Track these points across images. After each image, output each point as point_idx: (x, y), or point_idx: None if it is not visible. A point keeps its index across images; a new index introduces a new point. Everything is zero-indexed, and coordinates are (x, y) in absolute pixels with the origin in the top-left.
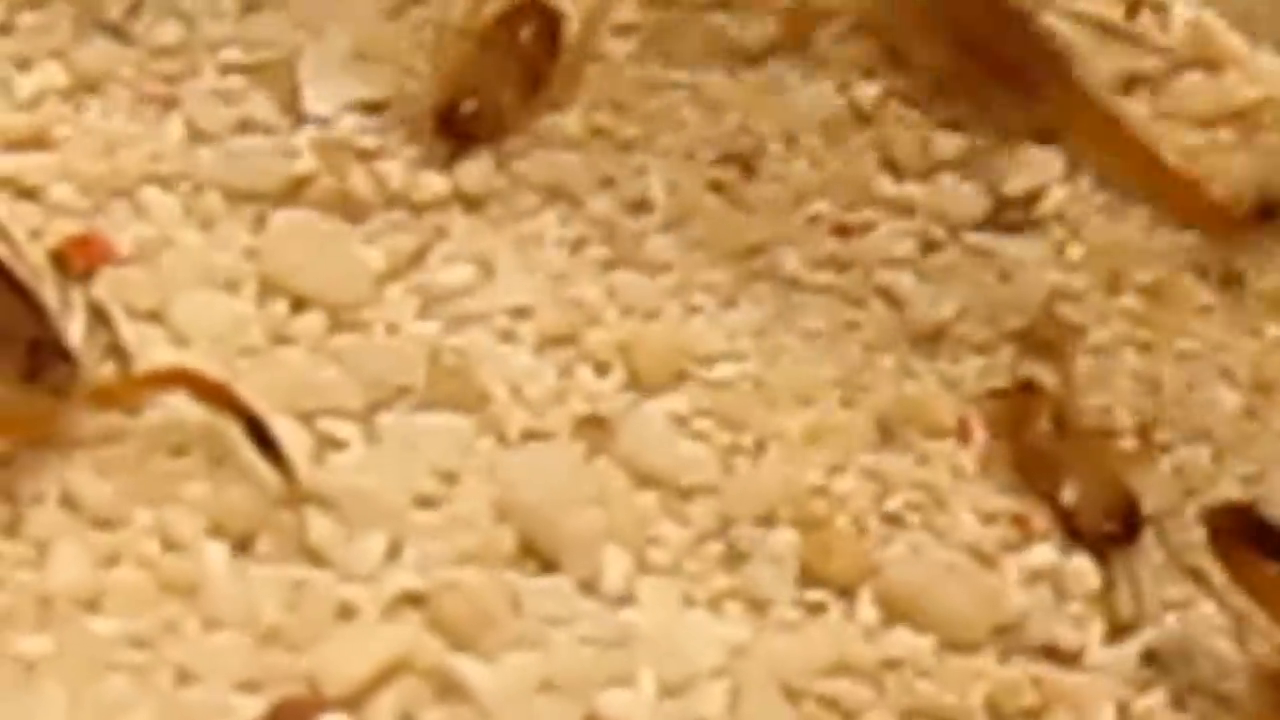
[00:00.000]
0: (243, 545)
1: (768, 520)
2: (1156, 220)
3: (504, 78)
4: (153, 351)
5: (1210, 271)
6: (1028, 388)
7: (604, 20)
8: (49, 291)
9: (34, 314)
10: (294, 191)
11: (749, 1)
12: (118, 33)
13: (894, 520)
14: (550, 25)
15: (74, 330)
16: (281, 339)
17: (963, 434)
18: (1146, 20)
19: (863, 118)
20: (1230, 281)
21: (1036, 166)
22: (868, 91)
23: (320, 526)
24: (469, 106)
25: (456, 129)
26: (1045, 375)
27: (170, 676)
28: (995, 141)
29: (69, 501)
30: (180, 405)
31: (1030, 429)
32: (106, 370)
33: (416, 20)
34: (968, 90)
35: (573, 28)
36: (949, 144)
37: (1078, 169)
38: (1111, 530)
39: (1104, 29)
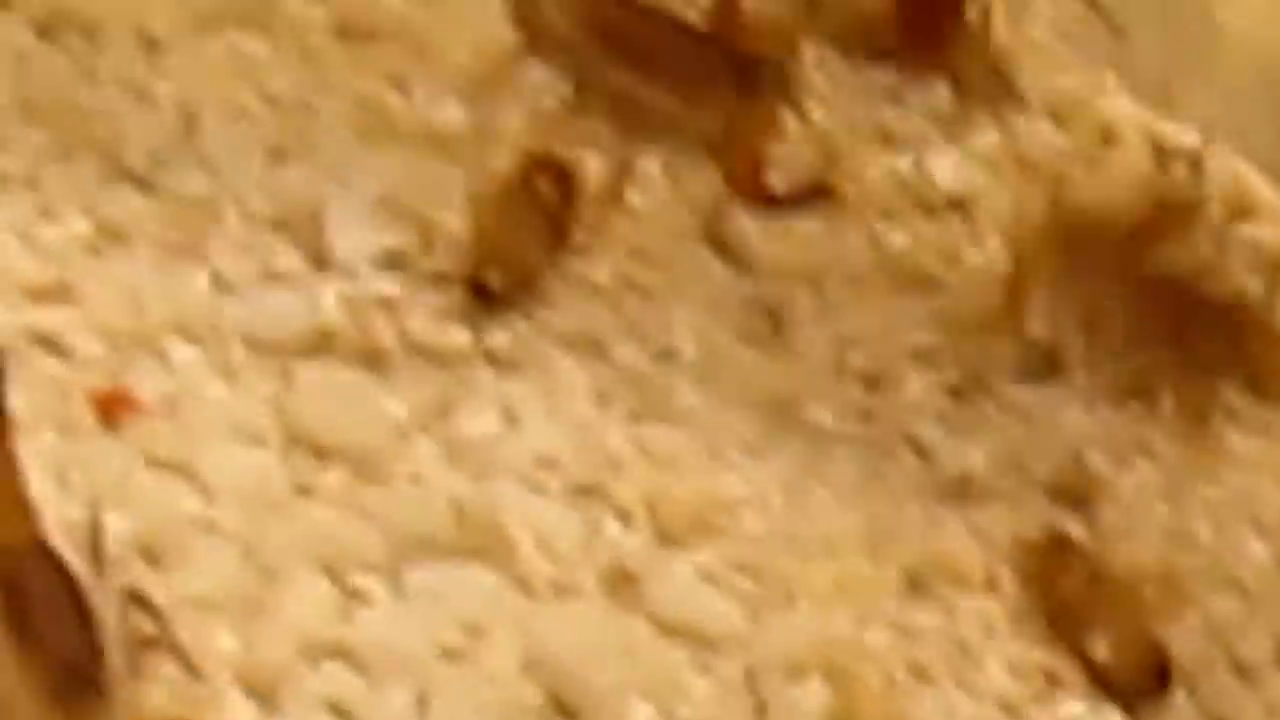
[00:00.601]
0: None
1: (796, 673)
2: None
3: (529, 234)
4: (180, 504)
5: (1240, 417)
6: (1057, 539)
7: (630, 171)
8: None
9: (84, 636)
10: (319, 343)
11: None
12: (143, 184)
13: (922, 674)
14: (567, 177)
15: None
16: (306, 491)
17: (991, 587)
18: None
19: (891, 269)
20: (1260, 430)
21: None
22: (896, 241)
23: (345, 681)
24: (497, 276)
25: (484, 294)
26: (1073, 525)
27: None
28: None
29: None
30: None
31: (1060, 581)
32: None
33: (441, 172)
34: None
35: (589, 177)
36: None
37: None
38: (1142, 684)
39: None
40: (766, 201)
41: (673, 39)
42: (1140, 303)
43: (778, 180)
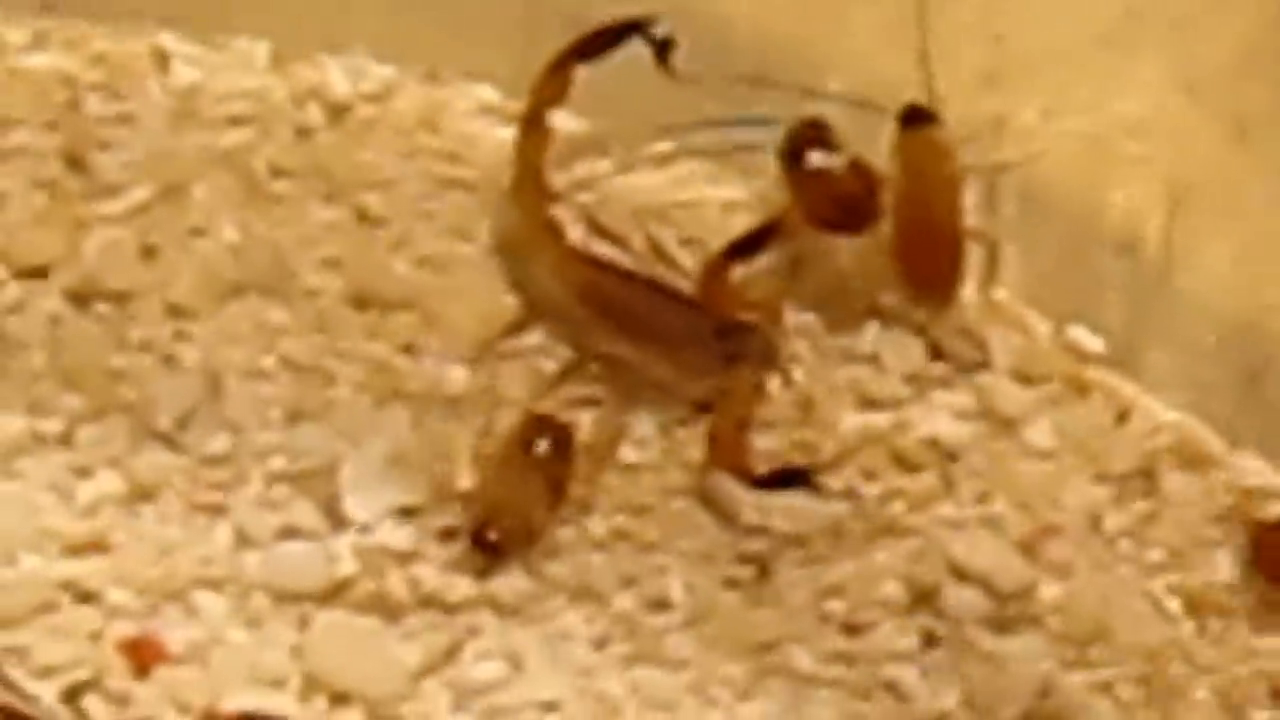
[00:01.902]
0: None
1: None
2: (1152, 614)
3: (529, 490)
4: None
5: (1194, 660)
6: None
7: (624, 431)
8: None
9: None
10: (335, 593)
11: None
12: (171, 443)
13: None
14: (562, 437)
15: None
16: None
17: None
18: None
19: (867, 521)
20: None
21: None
22: (873, 493)
23: None
24: (500, 530)
25: (488, 546)
26: None
27: None
28: None
29: None
30: None
31: None
32: None
33: (448, 431)
34: None
35: (586, 436)
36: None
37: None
38: None
39: None
40: (749, 479)
41: (663, 307)
42: None
43: (759, 454)
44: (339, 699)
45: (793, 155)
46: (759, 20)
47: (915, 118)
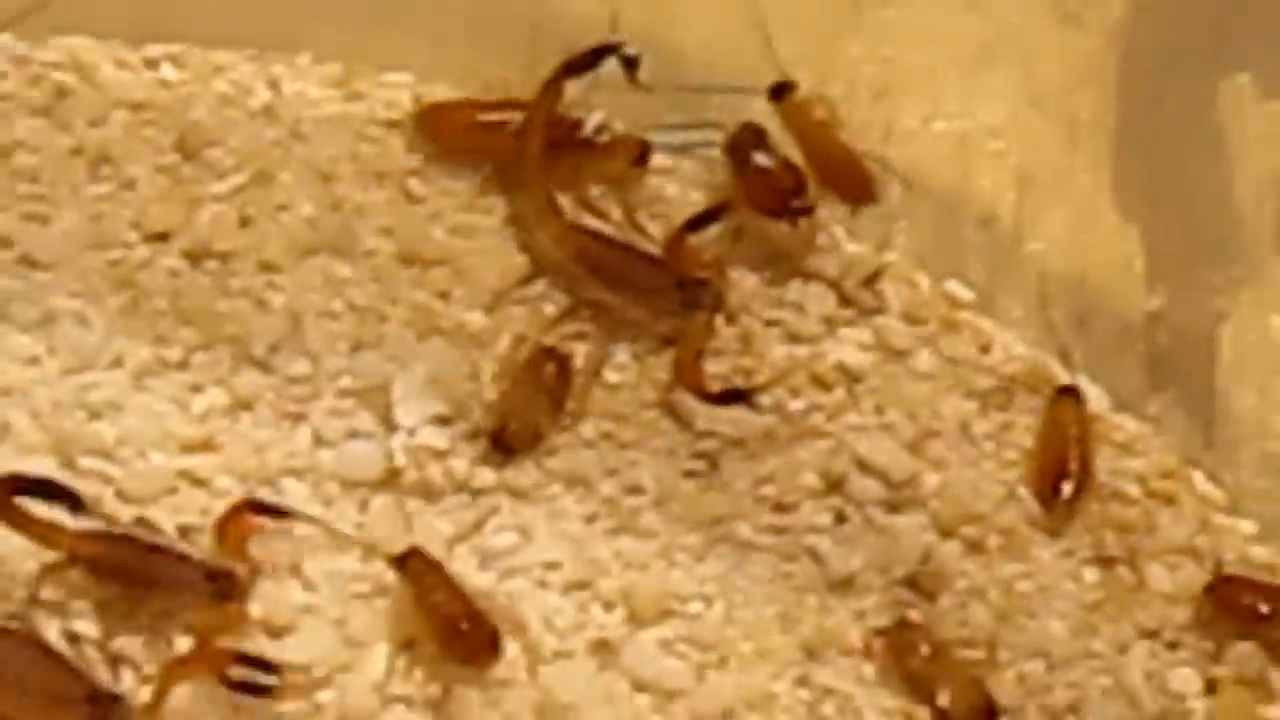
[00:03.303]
0: None
1: (729, 715)
2: (1007, 497)
3: (535, 405)
4: (291, 596)
5: (1037, 530)
6: (910, 622)
7: (607, 359)
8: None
9: (76, 674)
10: (388, 481)
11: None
12: (263, 366)
13: (818, 713)
14: (563, 364)
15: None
16: (382, 590)
17: (867, 653)
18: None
19: (792, 426)
20: (1055, 534)
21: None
22: (797, 406)
23: None
24: (513, 433)
25: (504, 445)
26: (924, 611)
27: None
28: None
29: None
30: None
31: (913, 651)
32: None
33: (474, 359)
34: None
35: (579, 363)
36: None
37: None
38: None
39: None
40: (703, 396)
41: (637, 265)
42: None
43: (712, 377)
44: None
45: (736, 153)
46: (704, 44)
47: (780, 90)
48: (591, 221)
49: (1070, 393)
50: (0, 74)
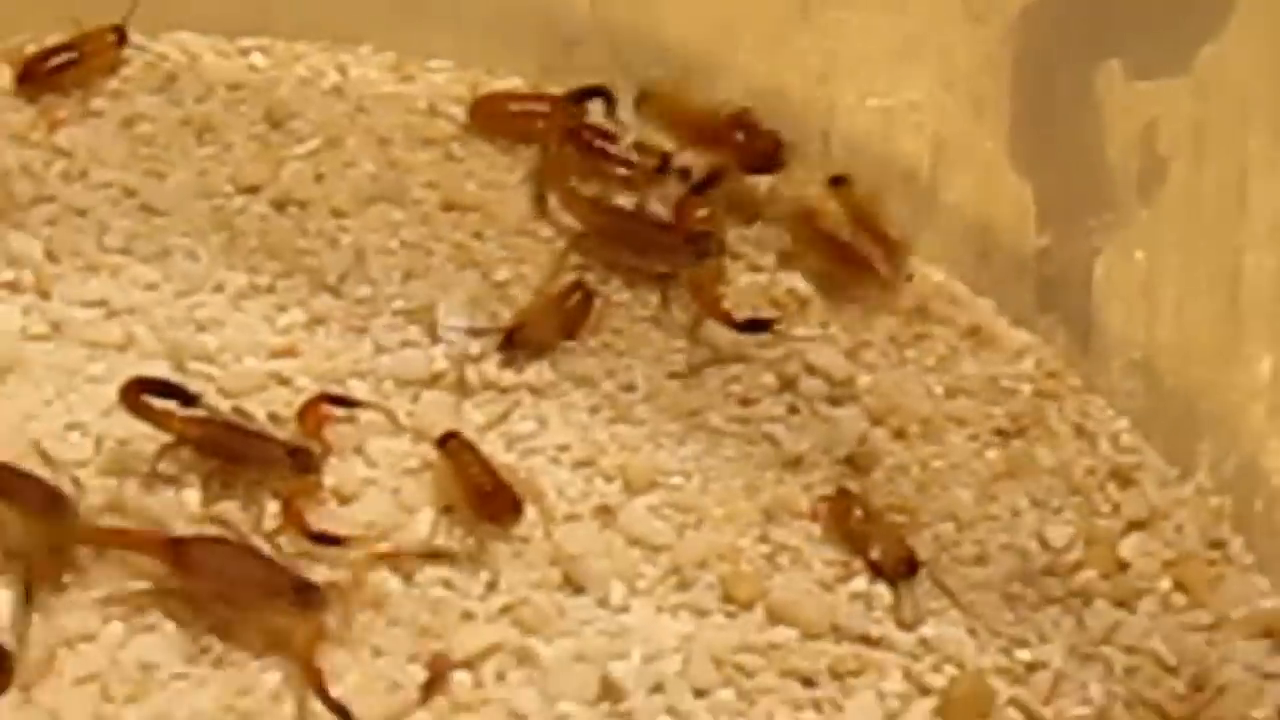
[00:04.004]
0: None
1: (703, 565)
2: (925, 394)
3: (550, 323)
4: (357, 471)
5: (948, 418)
6: (846, 492)
7: (616, 295)
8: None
9: (281, 569)
10: (434, 380)
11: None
12: (335, 291)
13: (775, 563)
14: (588, 297)
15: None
16: (429, 466)
17: (814, 516)
18: None
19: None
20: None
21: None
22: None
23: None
24: (535, 344)
25: (514, 344)
26: (859, 483)
27: None
28: None
29: None
30: None
31: (850, 515)
32: None
33: (505, 286)
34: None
35: (598, 304)
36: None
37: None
38: (900, 570)
39: None
40: (731, 324)
41: (650, 228)
42: None
43: (734, 307)
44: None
45: (731, 129)
46: (679, 40)
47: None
48: (609, 201)
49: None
50: (125, 61)
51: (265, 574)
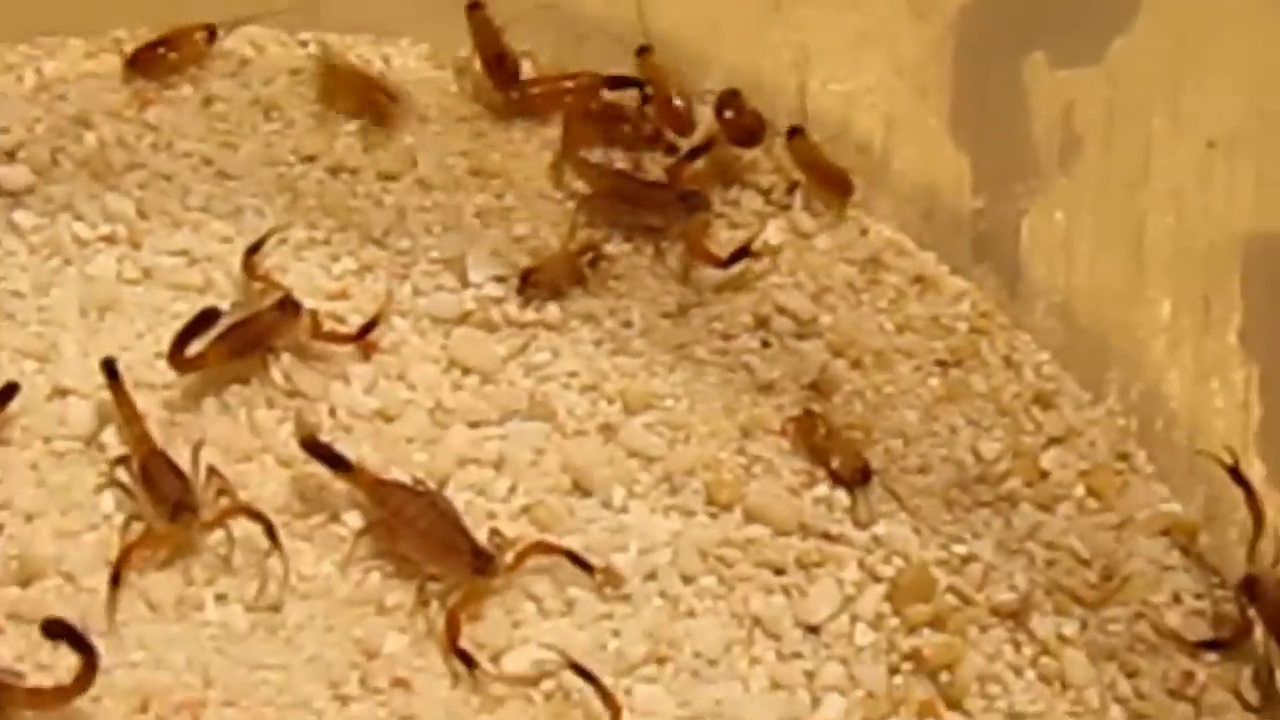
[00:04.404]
0: None
1: (690, 473)
2: (877, 330)
3: (563, 272)
4: (399, 393)
5: (896, 350)
6: (810, 413)
7: (606, 241)
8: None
9: (464, 532)
10: (463, 319)
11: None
12: (380, 243)
13: (751, 472)
14: (598, 256)
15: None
16: (459, 387)
17: (783, 433)
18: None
19: (734, 284)
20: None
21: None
22: (736, 270)
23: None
24: (536, 278)
25: (527, 284)
26: (822, 405)
27: None
28: None
29: None
30: None
31: (814, 432)
32: None
33: (524, 240)
34: None
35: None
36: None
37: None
38: (856, 479)
39: None
40: (715, 263)
41: (647, 188)
42: None
43: (718, 248)
44: (466, 372)
45: (721, 108)
46: (666, 34)
47: (793, 131)
48: (614, 165)
49: (795, 132)
50: (204, 53)
51: (451, 533)
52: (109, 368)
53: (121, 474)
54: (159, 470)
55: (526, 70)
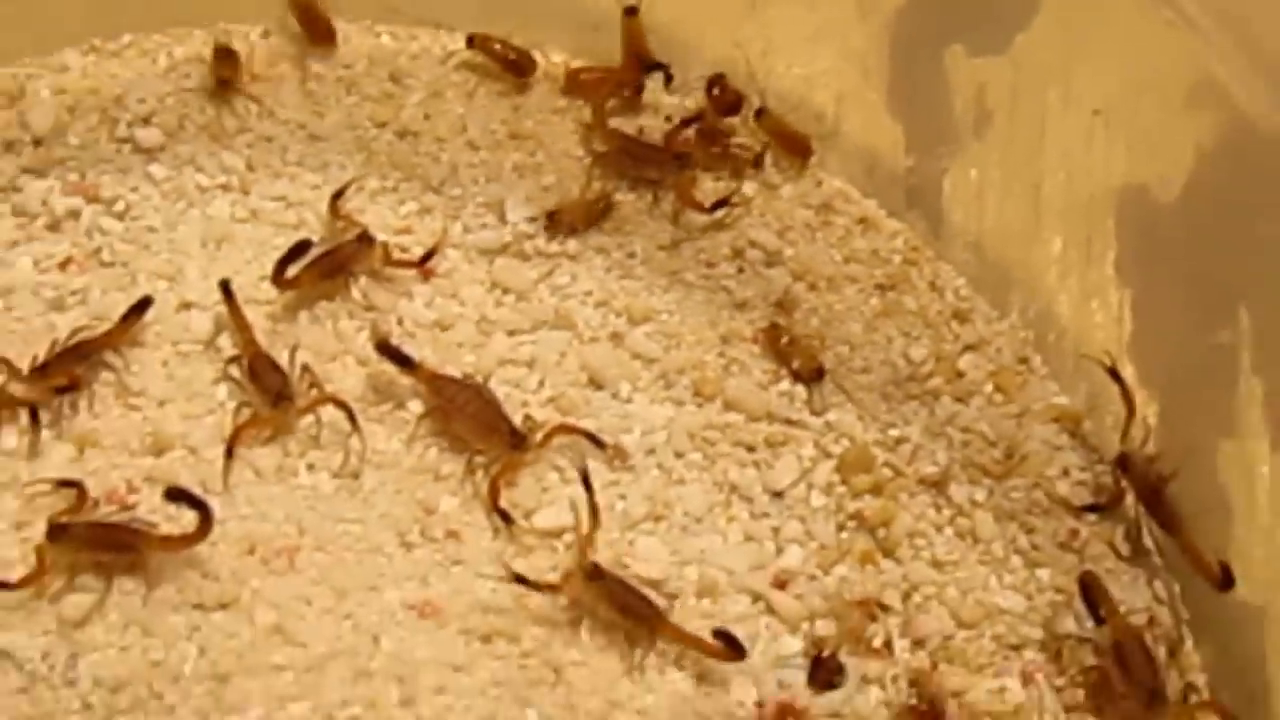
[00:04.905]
0: None
1: (681, 372)
2: (828, 260)
3: (581, 214)
4: (448, 308)
5: (853, 283)
6: (779, 325)
7: (623, 195)
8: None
9: (503, 415)
10: (503, 249)
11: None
12: (436, 191)
13: (729, 371)
14: (609, 207)
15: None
16: (500, 304)
17: (755, 340)
18: None
19: (716, 224)
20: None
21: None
22: (719, 215)
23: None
24: (567, 226)
25: (552, 222)
26: (785, 319)
27: None
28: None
29: None
30: None
31: (779, 339)
32: None
33: (551, 191)
34: None
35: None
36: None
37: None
38: (812, 376)
39: None
40: (702, 209)
41: (649, 149)
42: None
43: (703, 200)
44: (504, 290)
45: (710, 87)
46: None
47: (759, 112)
48: (623, 131)
49: (762, 112)
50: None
51: (493, 417)
52: (224, 287)
53: (234, 370)
54: (263, 368)
55: (540, 59)
